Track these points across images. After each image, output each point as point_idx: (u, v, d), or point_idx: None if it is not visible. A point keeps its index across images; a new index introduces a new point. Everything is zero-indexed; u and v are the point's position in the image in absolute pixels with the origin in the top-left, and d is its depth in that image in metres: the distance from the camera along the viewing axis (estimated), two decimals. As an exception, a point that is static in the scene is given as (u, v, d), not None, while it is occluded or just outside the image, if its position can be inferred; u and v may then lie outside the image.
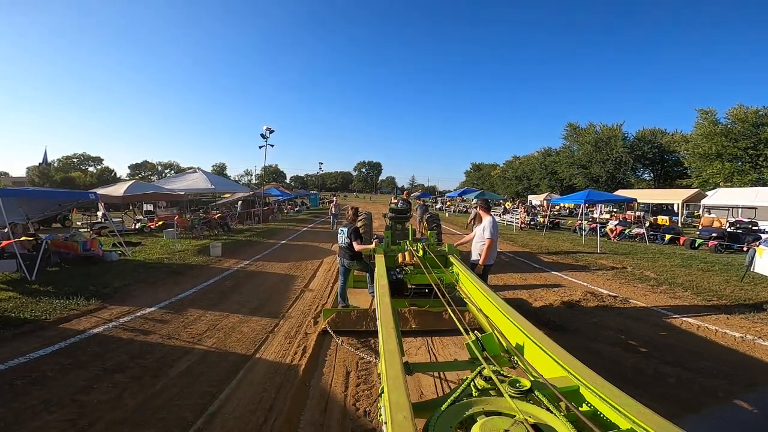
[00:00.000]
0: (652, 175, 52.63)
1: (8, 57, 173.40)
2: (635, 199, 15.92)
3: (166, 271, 8.54)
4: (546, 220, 18.67)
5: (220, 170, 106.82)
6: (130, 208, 19.58)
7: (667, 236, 15.25)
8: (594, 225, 16.85)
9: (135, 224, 17.42)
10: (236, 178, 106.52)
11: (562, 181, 56.85)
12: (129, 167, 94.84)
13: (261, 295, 6.99)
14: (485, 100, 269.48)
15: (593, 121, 53.96)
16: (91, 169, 77.83)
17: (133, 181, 13.80)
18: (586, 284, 8.31)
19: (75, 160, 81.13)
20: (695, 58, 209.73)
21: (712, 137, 35.01)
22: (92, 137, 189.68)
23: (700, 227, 15.71)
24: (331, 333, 4.91)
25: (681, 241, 14.91)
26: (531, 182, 63.85)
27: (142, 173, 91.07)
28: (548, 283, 8.39)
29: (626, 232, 16.72)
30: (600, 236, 16.85)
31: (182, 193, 13.25)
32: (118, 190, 11.90)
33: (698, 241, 13.58)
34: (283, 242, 14.11)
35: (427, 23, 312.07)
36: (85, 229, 16.58)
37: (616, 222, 17.61)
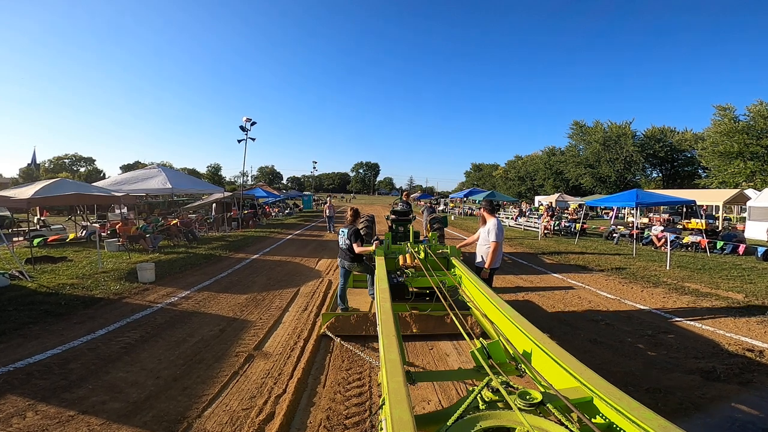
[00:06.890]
0: (660, 174, 50.74)
1: (6, 55, 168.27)
2: (694, 201, 13.07)
3: (43, 311, 5.42)
4: (582, 225, 15.66)
5: (214, 171, 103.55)
6: (78, 212, 16.46)
7: (719, 243, 12.41)
8: (632, 231, 13.97)
9: (81, 231, 14.41)
10: (232, 179, 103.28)
11: (568, 182, 54.88)
12: (120, 168, 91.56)
13: (168, 369, 3.89)
14: (484, 100, 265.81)
15: (595, 119, 52.09)
16: (81, 170, 74.75)
17: (56, 179, 10.58)
18: (712, 329, 5.28)
19: (66, 160, 77.86)
20: (697, 55, 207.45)
21: (733, 135, 33.16)
22: (86, 135, 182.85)
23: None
24: (332, 336, 4.63)
25: (741, 250, 12.30)
26: (534, 183, 61.77)
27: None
28: (653, 323, 5.36)
29: (677, 239, 13.76)
30: (642, 244, 14.14)
31: (119, 195, 10.05)
32: (27, 191, 8.65)
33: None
34: (254, 257, 10.83)
35: (424, 20, 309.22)
36: (17, 238, 13.82)
37: (663, 227, 14.67)
